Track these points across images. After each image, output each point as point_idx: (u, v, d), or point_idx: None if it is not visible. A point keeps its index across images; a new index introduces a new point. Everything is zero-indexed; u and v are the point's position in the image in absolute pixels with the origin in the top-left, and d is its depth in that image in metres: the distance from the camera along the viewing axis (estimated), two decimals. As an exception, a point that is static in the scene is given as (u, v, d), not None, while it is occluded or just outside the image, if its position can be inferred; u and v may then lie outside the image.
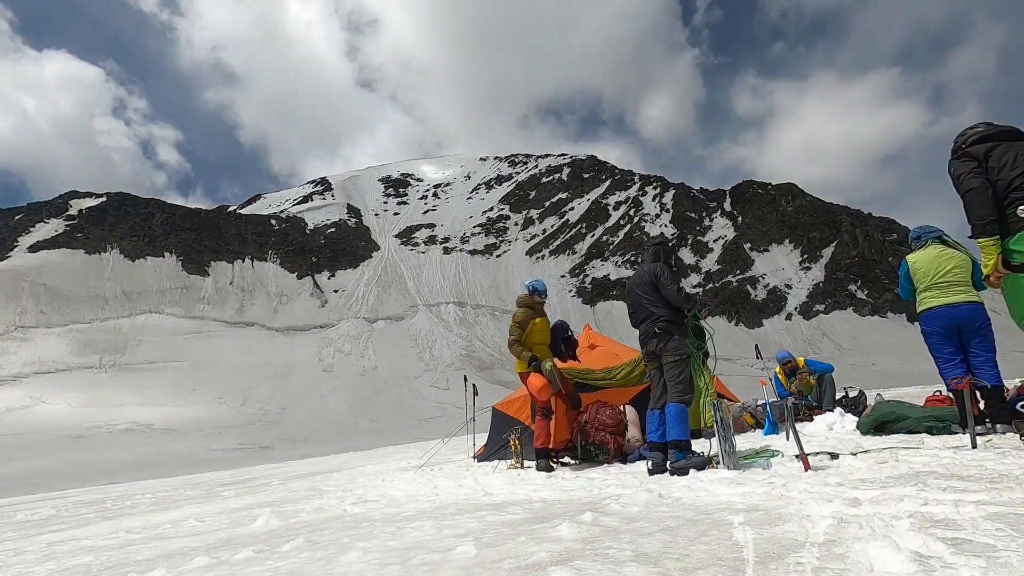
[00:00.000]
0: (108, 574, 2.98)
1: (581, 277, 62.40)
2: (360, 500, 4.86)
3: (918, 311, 4.66)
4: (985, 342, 4.47)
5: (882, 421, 5.14)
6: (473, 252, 67.89)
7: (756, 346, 9.13)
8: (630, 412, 6.22)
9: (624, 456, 5.70)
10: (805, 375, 8.05)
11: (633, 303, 4.83)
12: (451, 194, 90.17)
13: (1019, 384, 4.96)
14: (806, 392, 7.99)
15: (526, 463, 6.39)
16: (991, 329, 4.49)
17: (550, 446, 5.77)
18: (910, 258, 4.70)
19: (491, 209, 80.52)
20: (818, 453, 4.13)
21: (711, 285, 58.20)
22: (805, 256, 59.60)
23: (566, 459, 6.19)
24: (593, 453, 5.68)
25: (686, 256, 63.78)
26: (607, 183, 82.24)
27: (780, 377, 8.16)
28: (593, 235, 70.26)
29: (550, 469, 5.45)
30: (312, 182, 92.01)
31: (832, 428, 6.12)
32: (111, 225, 54.74)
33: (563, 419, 6.44)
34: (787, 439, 5.36)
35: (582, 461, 5.87)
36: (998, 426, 4.34)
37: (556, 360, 6.21)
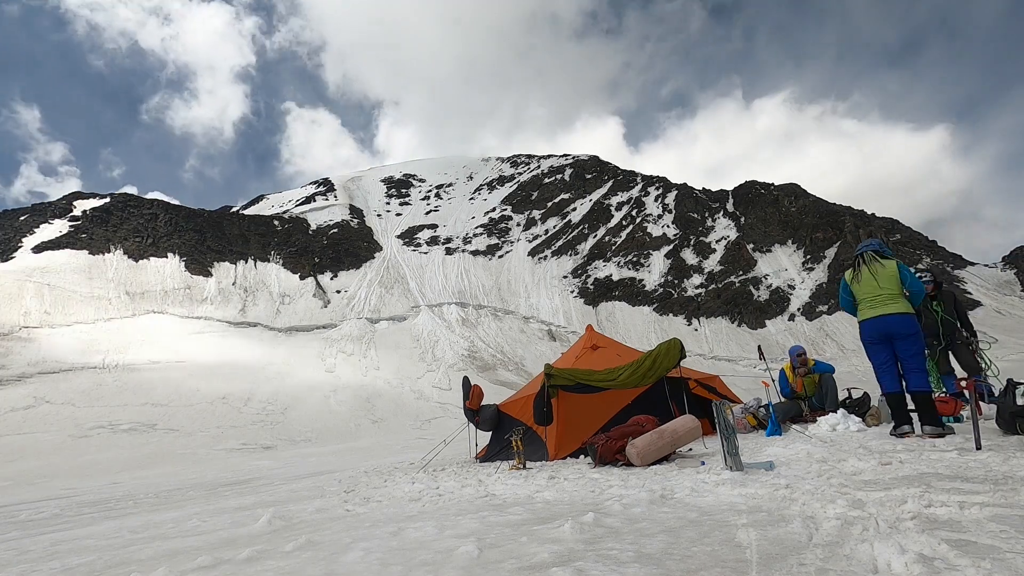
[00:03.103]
0: (111, 573, 2.98)
1: (583, 277, 62.31)
2: (362, 500, 4.86)
3: (858, 322, 5.09)
4: (913, 349, 4.79)
5: None
6: (475, 253, 67.84)
7: (759, 347, 9.08)
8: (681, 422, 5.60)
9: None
10: (806, 373, 7.93)
11: None
12: (453, 195, 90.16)
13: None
14: (810, 393, 7.92)
15: (528, 464, 6.38)
16: (920, 338, 4.84)
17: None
18: (848, 274, 5.17)
19: (493, 210, 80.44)
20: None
21: (714, 286, 58.07)
22: (808, 257, 59.38)
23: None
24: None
25: (688, 257, 63.63)
26: (609, 184, 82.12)
27: (787, 373, 8.04)
28: (595, 236, 70.15)
29: None
30: (315, 183, 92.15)
31: (835, 429, 6.09)
32: (115, 226, 54.90)
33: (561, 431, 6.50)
34: (786, 436, 5.33)
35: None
36: (925, 428, 4.60)
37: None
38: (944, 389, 6.45)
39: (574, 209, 77.43)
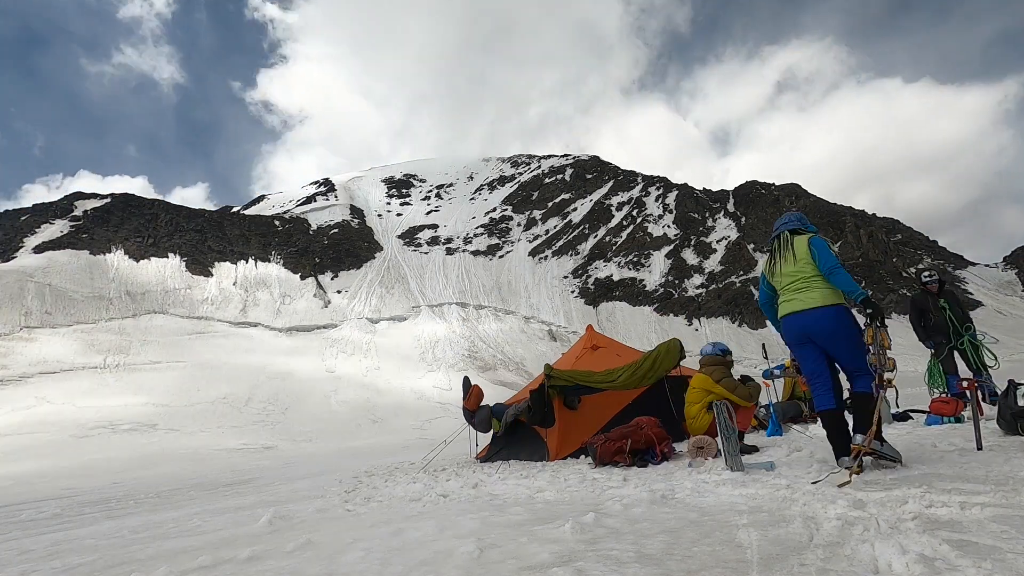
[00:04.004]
0: (112, 573, 2.98)
1: (584, 278, 62.34)
2: (363, 500, 4.86)
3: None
4: (844, 351, 3.60)
5: None
6: (476, 253, 67.87)
7: (763, 345, 9.06)
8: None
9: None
10: (794, 374, 7.98)
11: None
12: (454, 195, 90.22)
13: None
14: (810, 396, 7.93)
15: (528, 464, 6.39)
16: (854, 333, 3.57)
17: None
18: (764, 265, 4.07)
19: (494, 210, 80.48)
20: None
21: (714, 286, 58.08)
22: (809, 257, 59.39)
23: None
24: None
25: (689, 257, 63.66)
26: (610, 184, 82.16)
27: (787, 363, 8.05)
28: (596, 236, 70.18)
29: None
30: (315, 183, 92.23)
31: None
32: (116, 226, 54.97)
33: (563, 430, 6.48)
34: (787, 438, 5.32)
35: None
36: (856, 436, 3.49)
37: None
38: (946, 390, 6.41)
39: (575, 209, 77.43)
